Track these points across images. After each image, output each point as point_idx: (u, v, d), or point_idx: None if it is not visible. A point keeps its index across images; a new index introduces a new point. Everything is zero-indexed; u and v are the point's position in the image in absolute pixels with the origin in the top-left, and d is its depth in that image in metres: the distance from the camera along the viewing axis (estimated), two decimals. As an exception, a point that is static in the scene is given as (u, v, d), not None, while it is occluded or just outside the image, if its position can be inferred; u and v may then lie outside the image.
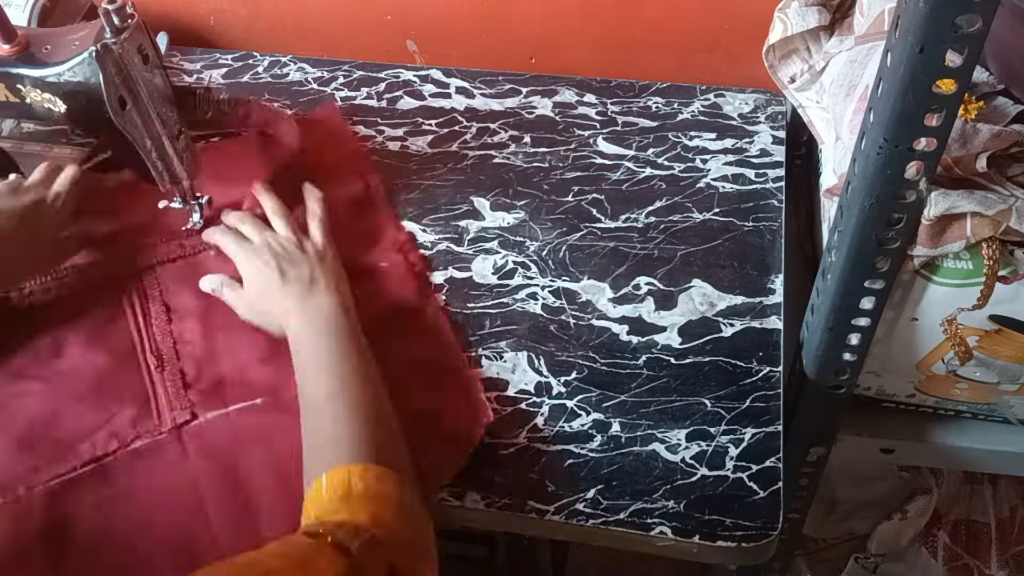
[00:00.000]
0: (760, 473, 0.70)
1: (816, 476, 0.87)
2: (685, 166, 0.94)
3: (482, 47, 1.08)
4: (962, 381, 0.77)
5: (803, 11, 0.85)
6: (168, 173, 0.82)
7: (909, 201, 0.62)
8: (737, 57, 1.02)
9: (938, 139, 0.58)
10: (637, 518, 0.68)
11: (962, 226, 0.65)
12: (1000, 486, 1.09)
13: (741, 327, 0.80)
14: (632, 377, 0.77)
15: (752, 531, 0.67)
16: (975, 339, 0.72)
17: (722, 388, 0.76)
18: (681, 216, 0.89)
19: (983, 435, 0.83)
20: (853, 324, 0.70)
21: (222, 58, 1.10)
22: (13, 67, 0.75)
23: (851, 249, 0.65)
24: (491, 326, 0.81)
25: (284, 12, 1.11)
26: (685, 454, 0.72)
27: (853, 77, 0.78)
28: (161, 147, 0.80)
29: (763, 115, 0.99)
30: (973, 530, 1.08)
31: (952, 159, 0.66)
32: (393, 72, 1.07)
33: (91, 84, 0.73)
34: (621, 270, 0.85)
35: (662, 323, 0.81)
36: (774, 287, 0.83)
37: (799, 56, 0.88)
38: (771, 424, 0.73)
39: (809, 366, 0.75)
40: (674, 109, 1.00)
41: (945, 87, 0.55)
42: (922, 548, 1.09)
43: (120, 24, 0.72)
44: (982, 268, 0.66)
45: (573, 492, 0.70)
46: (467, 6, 1.05)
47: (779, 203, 0.90)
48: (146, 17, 0.75)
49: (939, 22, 0.52)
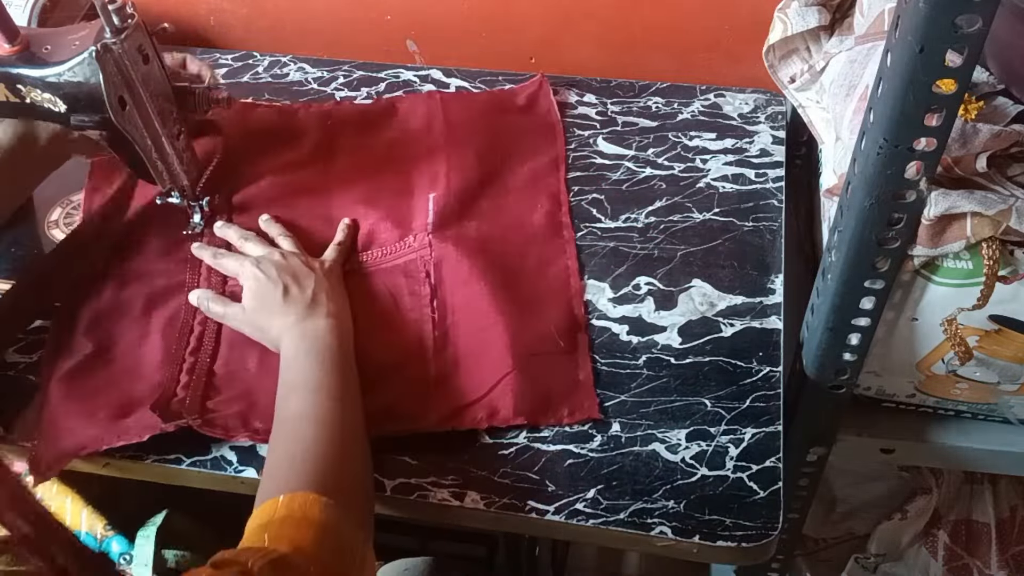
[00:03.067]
0: (760, 473, 0.70)
1: (816, 476, 0.87)
2: (685, 166, 0.94)
3: (482, 47, 1.08)
4: (962, 381, 0.77)
5: (803, 11, 0.85)
6: (168, 173, 0.82)
7: (909, 201, 0.62)
8: (737, 57, 1.02)
9: (938, 139, 0.58)
10: (637, 518, 0.68)
11: (962, 226, 0.65)
12: (1000, 486, 1.09)
13: (741, 327, 0.80)
14: (632, 377, 0.77)
15: (752, 531, 0.67)
16: (975, 339, 0.72)
17: (722, 388, 0.76)
18: (681, 216, 0.89)
19: (983, 435, 0.83)
20: (853, 324, 0.70)
21: (222, 58, 1.10)
22: (13, 67, 0.75)
23: (851, 249, 0.65)
24: (491, 326, 0.81)
25: (284, 12, 1.11)
26: (685, 454, 0.72)
27: (853, 77, 0.78)
28: (161, 147, 0.80)
29: (763, 115, 0.99)
30: (973, 530, 1.08)
31: (952, 159, 0.66)
32: (393, 72, 1.07)
33: (91, 84, 0.73)
34: (621, 270, 0.85)
35: (662, 323, 0.81)
36: (774, 287, 0.83)
37: (799, 56, 0.88)
38: (771, 424, 0.73)
39: (809, 366, 0.75)
40: (674, 109, 1.00)
41: (945, 87, 0.55)
42: (922, 548, 1.09)
43: (120, 24, 0.72)
44: (982, 268, 0.66)
45: (573, 492, 0.70)
46: (467, 6, 1.05)
47: (779, 203, 0.90)
48: (146, 17, 0.75)
49: (939, 22, 0.52)
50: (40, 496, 0.85)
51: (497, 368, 0.75)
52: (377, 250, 0.86)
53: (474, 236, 0.86)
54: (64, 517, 0.86)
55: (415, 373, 0.77)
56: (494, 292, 0.80)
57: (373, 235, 0.87)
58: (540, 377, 0.75)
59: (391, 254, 0.85)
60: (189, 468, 0.73)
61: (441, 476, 0.71)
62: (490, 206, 0.89)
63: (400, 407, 0.74)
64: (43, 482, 0.70)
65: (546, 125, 0.98)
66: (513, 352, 0.75)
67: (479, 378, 0.75)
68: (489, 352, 0.76)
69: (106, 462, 0.73)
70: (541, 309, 0.80)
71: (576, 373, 0.76)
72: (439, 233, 0.86)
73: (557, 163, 0.94)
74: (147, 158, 0.80)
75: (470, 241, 0.85)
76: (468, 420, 0.73)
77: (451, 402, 0.74)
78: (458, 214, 0.88)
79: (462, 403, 0.74)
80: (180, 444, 0.73)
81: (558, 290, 0.82)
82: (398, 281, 0.83)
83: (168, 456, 0.73)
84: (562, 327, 0.79)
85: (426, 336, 0.79)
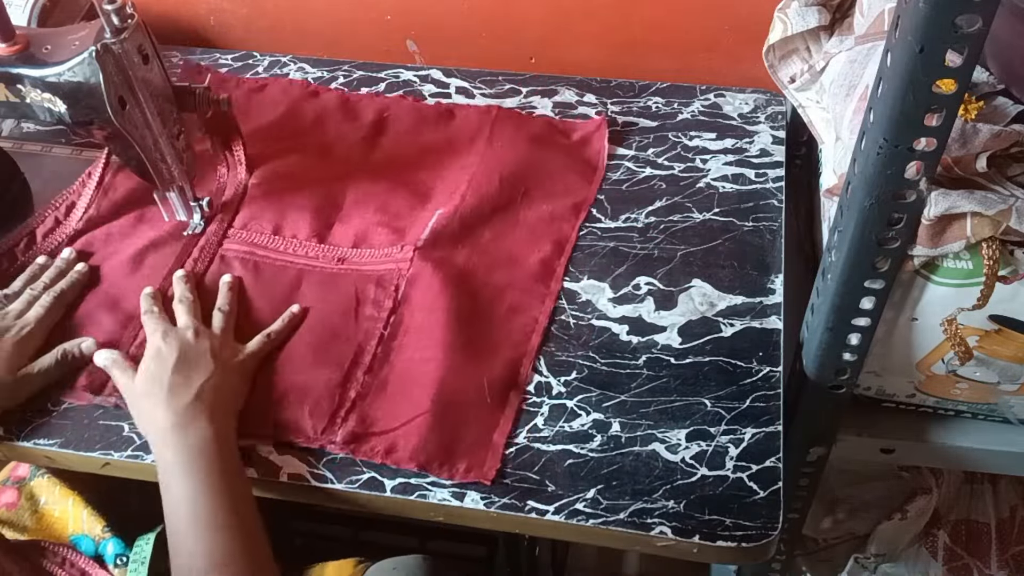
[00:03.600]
0: (760, 473, 0.70)
1: (816, 476, 0.87)
2: (685, 166, 0.94)
3: (482, 47, 1.08)
4: (962, 381, 0.77)
5: (803, 11, 0.85)
6: (168, 173, 0.82)
7: (909, 201, 0.62)
8: (737, 57, 1.02)
9: (938, 139, 0.58)
10: (637, 518, 0.68)
11: (962, 226, 0.65)
12: (1000, 486, 1.09)
13: (741, 327, 0.80)
14: (632, 377, 0.77)
15: (752, 531, 0.67)
16: (975, 339, 0.72)
17: (722, 388, 0.76)
18: (681, 216, 0.89)
19: (983, 435, 0.83)
20: (853, 324, 0.70)
21: (222, 58, 1.10)
22: (13, 67, 0.75)
23: (851, 249, 0.65)
24: (491, 326, 0.81)
25: (284, 12, 1.11)
26: (685, 454, 0.72)
27: (853, 77, 0.78)
28: (161, 147, 0.80)
29: (763, 115, 0.99)
30: (973, 530, 1.08)
31: (952, 159, 0.66)
32: (393, 72, 1.07)
33: (91, 84, 0.73)
34: (621, 270, 0.85)
35: (662, 323, 0.81)
36: (774, 287, 0.83)
37: (799, 56, 0.88)
38: (771, 424, 0.73)
39: (809, 366, 0.75)
40: (674, 109, 1.00)
41: (945, 87, 0.55)
42: (922, 548, 1.09)
43: (120, 24, 0.72)
44: (982, 268, 0.66)
45: (573, 492, 0.70)
46: (467, 6, 1.05)
47: (779, 203, 0.90)
48: (146, 17, 0.76)
49: (939, 22, 0.52)
50: (45, 500, 0.86)
51: (414, 406, 0.74)
52: (365, 251, 0.86)
53: (459, 264, 0.84)
54: (66, 521, 0.86)
55: (336, 383, 0.76)
56: (449, 325, 0.78)
57: (367, 235, 0.87)
58: (450, 426, 0.73)
59: (373, 259, 0.85)
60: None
61: (441, 476, 0.71)
62: (492, 236, 0.87)
63: (303, 415, 0.74)
64: None
65: (588, 167, 0.94)
66: (436, 393, 0.74)
67: (393, 410, 0.74)
68: (415, 387, 0.75)
69: (106, 462, 0.74)
70: (487, 358, 0.77)
71: (491, 432, 0.73)
72: (426, 251, 0.85)
73: (580, 208, 0.90)
74: (147, 158, 0.80)
75: (451, 268, 0.84)
76: (365, 450, 0.72)
77: (358, 425, 0.73)
78: (455, 237, 0.86)
79: (367, 430, 0.73)
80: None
81: (514, 344, 0.79)
82: (368, 288, 0.83)
83: (168, 456, 0.73)
84: (498, 382, 0.76)
85: (367, 352, 0.78)
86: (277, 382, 0.77)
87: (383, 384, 0.76)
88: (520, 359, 0.78)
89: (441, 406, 0.73)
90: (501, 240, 0.87)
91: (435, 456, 0.71)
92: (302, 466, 0.72)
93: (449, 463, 0.71)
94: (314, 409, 0.74)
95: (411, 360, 0.77)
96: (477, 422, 0.73)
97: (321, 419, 0.74)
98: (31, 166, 0.96)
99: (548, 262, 0.85)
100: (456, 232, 0.87)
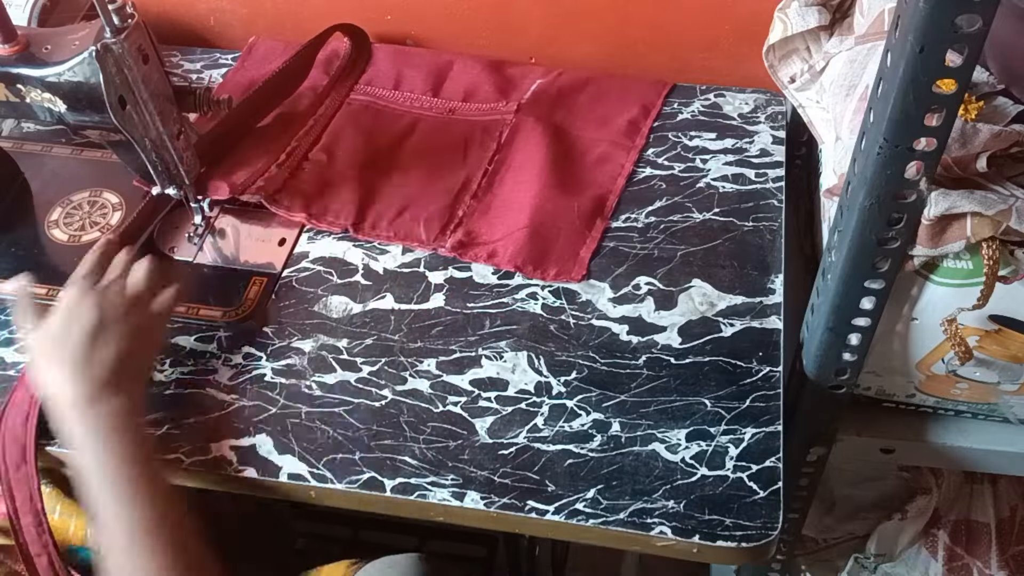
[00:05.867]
0: (760, 473, 0.70)
1: (816, 476, 0.87)
2: (685, 166, 0.94)
3: (482, 47, 1.08)
4: (962, 381, 0.77)
5: (803, 11, 0.85)
6: (168, 173, 0.82)
7: (909, 201, 0.62)
8: (737, 57, 1.02)
9: (938, 139, 0.58)
10: (637, 518, 0.68)
11: (962, 226, 0.65)
12: (1000, 486, 1.09)
13: (741, 327, 0.80)
14: (632, 377, 0.77)
15: (752, 531, 0.67)
16: (975, 339, 0.72)
17: (722, 388, 0.76)
18: (681, 216, 0.89)
19: (983, 435, 0.83)
20: (853, 324, 0.70)
21: (222, 58, 1.10)
22: (13, 67, 0.75)
23: (851, 249, 0.65)
24: (491, 326, 0.81)
25: (284, 12, 1.11)
26: (685, 454, 0.72)
27: (853, 77, 0.78)
28: (161, 147, 0.80)
29: (763, 115, 0.99)
30: (973, 530, 1.08)
31: (952, 159, 0.66)
32: (393, 72, 1.07)
33: (91, 84, 0.73)
34: (621, 270, 0.85)
35: (662, 323, 0.81)
36: (774, 287, 0.83)
37: (799, 56, 0.88)
38: (771, 424, 0.73)
39: (809, 366, 0.76)
40: (674, 109, 1.00)
41: (945, 87, 0.55)
42: (922, 548, 1.08)
43: (120, 24, 0.72)
44: (982, 268, 0.66)
45: (573, 492, 0.70)
46: (467, 6, 1.05)
47: (779, 203, 0.90)
48: (146, 17, 0.75)
49: (939, 22, 0.52)
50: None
51: (514, 223, 0.86)
52: (473, 104, 0.99)
53: (556, 121, 0.97)
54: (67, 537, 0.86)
55: (446, 204, 0.89)
56: (545, 166, 0.90)
57: (476, 91, 1.00)
58: (544, 240, 0.85)
59: (480, 111, 0.98)
60: (189, 468, 0.73)
61: (441, 476, 0.71)
62: (586, 99, 0.99)
63: (418, 226, 0.87)
64: None
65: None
66: (533, 214, 0.86)
67: (496, 226, 0.87)
68: (514, 209, 0.87)
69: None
70: (578, 193, 0.89)
71: (579, 248, 0.85)
72: (528, 107, 0.98)
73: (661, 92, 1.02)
74: (147, 158, 0.80)
75: (549, 123, 0.96)
76: (470, 255, 0.85)
77: (464, 236, 0.86)
78: (553, 100, 0.99)
79: (472, 240, 0.86)
80: (180, 444, 0.74)
81: (601, 184, 0.91)
82: (475, 133, 0.96)
83: (168, 456, 0.73)
84: (587, 210, 0.88)
85: (474, 181, 0.91)
86: (396, 198, 0.89)
87: (487, 207, 0.89)
88: (607, 195, 0.90)
89: (536, 224, 0.86)
90: (594, 103, 0.99)
91: (530, 260, 0.84)
92: (302, 466, 0.72)
93: (542, 267, 0.84)
94: (428, 223, 0.87)
95: (512, 191, 0.90)
96: (567, 239, 0.86)
97: (433, 231, 0.87)
98: (31, 166, 0.96)
99: (635, 122, 0.97)
100: (554, 96, 0.99)
